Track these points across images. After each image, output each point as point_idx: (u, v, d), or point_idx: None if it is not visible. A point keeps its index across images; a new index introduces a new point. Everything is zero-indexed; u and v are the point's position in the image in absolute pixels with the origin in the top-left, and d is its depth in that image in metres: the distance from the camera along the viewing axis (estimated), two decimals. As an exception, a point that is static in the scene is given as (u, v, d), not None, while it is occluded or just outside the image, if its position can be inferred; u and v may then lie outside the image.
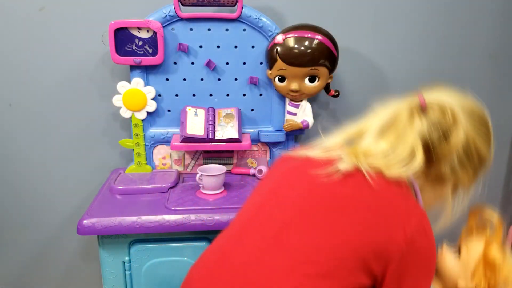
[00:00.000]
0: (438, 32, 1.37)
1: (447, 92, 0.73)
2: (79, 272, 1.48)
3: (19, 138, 1.33)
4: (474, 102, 0.73)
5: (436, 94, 0.72)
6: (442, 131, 0.67)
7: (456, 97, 0.72)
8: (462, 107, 0.70)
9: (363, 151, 0.68)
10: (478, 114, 0.72)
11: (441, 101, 0.70)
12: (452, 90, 0.75)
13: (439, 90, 0.74)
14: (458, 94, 0.73)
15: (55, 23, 1.24)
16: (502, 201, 1.59)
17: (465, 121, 0.68)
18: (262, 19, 1.19)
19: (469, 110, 0.70)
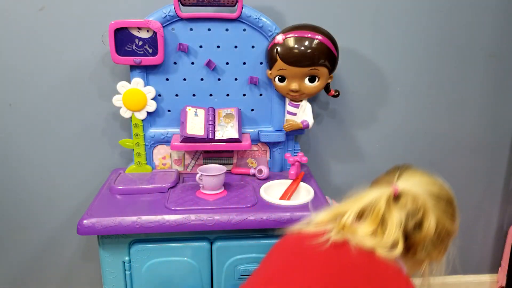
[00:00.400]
0: (438, 32, 1.37)
1: (417, 178, 0.80)
2: (79, 272, 1.48)
3: (19, 138, 1.33)
4: (440, 185, 0.82)
5: (407, 182, 0.78)
6: (416, 221, 0.74)
7: (425, 184, 0.79)
8: (431, 194, 0.77)
9: (351, 229, 0.75)
10: (445, 198, 0.80)
11: (412, 191, 0.76)
12: (421, 174, 0.82)
13: (410, 175, 0.81)
14: (427, 179, 0.81)
15: (55, 23, 1.24)
16: (502, 201, 1.59)
17: (435, 208, 0.76)
18: (262, 19, 1.19)
19: (437, 196, 0.78)
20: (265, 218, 1.01)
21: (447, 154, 1.51)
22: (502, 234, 1.63)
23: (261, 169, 1.25)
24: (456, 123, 1.47)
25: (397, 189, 0.76)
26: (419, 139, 1.48)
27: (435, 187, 0.79)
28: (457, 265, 0.86)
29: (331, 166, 1.47)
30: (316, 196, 1.11)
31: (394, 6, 1.33)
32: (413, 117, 1.45)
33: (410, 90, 1.42)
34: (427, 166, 1.50)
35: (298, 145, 1.33)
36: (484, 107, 1.47)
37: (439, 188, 0.80)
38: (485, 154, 1.53)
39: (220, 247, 1.03)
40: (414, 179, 0.80)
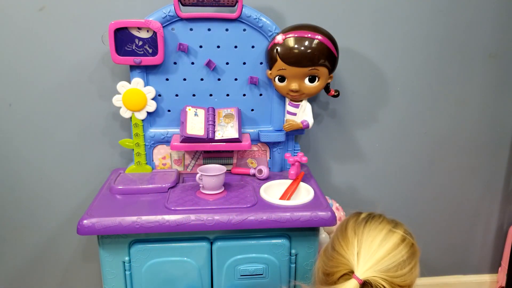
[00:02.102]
0: (438, 32, 1.37)
1: (373, 250, 0.76)
2: (79, 272, 1.48)
3: (19, 138, 1.33)
4: (395, 243, 0.77)
5: (364, 263, 0.74)
6: None
7: (381, 257, 0.74)
8: (387, 269, 0.73)
9: None
10: (401, 259, 0.75)
11: (372, 276, 0.72)
12: (376, 237, 0.77)
13: (368, 248, 0.76)
14: (381, 245, 0.76)
15: (55, 23, 1.24)
16: (502, 201, 1.59)
17: (391, 280, 0.73)
18: (262, 19, 1.19)
19: (393, 265, 0.74)
20: (265, 218, 1.01)
21: (447, 154, 1.51)
22: (502, 234, 1.63)
23: (261, 169, 1.25)
24: (456, 123, 1.47)
25: (360, 280, 0.72)
26: (419, 139, 1.48)
27: (395, 256, 0.75)
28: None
29: (331, 166, 1.47)
30: (316, 196, 1.11)
31: (394, 6, 1.33)
32: (413, 117, 1.45)
33: (410, 90, 1.42)
34: (427, 166, 1.52)
35: (298, 145, 1.33)
36: (484, 107, 1.47)
37: (399, 252, 0.76)
38: (485, 154, 1.53)
39: (220, 247, 1.03)
40: (374, 255, 0.75)
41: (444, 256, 1.63)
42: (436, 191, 1.55)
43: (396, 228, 0.80)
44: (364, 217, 0.83)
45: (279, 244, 1.05)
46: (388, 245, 0.76)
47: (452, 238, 1.62)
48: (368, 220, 0.82)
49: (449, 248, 1.62)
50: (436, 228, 1.59)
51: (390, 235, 0.78)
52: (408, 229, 0.81)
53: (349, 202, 1.49)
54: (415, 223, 1.57)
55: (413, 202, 1.55)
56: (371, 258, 0.74)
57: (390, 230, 0.79)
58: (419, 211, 1.56)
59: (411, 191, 1.54)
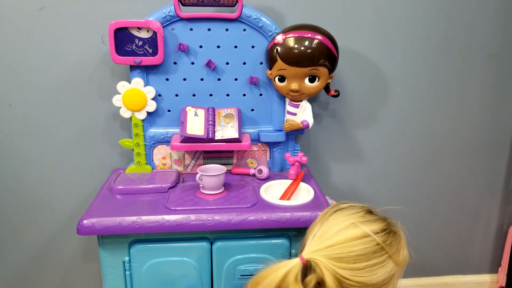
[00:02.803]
0: (438, 32, 1.37)
1: (328, 236, 0.75)
2: (79, 272, 1.48)
3: (19, 138, 1.33)
4: (352, 237, 0.75)
5: (314, 245, 0.73)
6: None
7: (332, 243, 0.73)
8: (335, 257, 0.72)
9: None
10: (353, 252, 0.73)
11: (316, 258, 0.71)
12: (336, 226, 0.76)
13: (324, 231, 0.75)
14: (337, 234, 0.75)
15: (55, 23, 1.24)
16: (502, 201, 1.59)
17: (338, 270, 0.71)
18: (262, 19, 1.19)
19: (343, 256, 0.72)
20: (265, 218, 1.01)
21: (447, 154, 1.51)
22: (502, 234, 1.63)
23: (261, 169, 1.25)
24: (456, 123, 1.47)
25: (303, 259, 0.71)
26: (419, 139, 1.48)
27: (348, 247, 0.73)
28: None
29: (331, 166, 1.47)
30: (316, 196, 1.11)
31: (394, 6, 1.33)
32: (413, 117, 1.45)
33: (410, 90, 1.42)
34: (427, 166, 1.52)
35: (298, 145, 1.33)
36: (484, 107, 1.47)
37: (354, 245, 0.73)
38: (485, 154, 1.53)
39: (220, 247, 1.03)
40: (327, 240, 0.74)
41: (444, 256, 1.63)
42: (436, 191, 1.55)
43: (365, 224, 0.76)
44: (340, 207, 0.81)
45: (279, 244, 1.05)
46: (344, 235, 0.74)
47: (452, 238, 1.62)
48: (340, 210, 0.80)
49: (449, 248, 1.62)
50: (436, 228, 1.59)
51: (351, 227, 0.75)
52: (387, 231, 0.77)
53: (349, 202, 1.49)
54: (415, 223, 1.57)
55: (413, 202, 1.55)
56: (321, 243, 0.73)
57: (353, 223, 0.76)
58: (419, 211, 1.56)
59: (411, 191, 1.54)
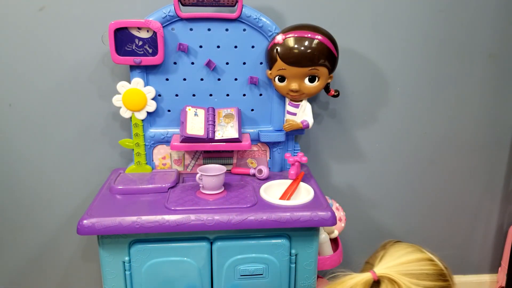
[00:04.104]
0: (438, 32, 1.37)
1: (399, 258, 0.77)
2: (79, 272, 1.48)
3: (19, 138, 1.33)
4: (425, 261, 0.78)
5: (387, 264, 0.76)
6: None
7: (406, 263, 0.76)
8: (411, 275, 0.74)
9: None
10: (430, 274, 0.76)
11: (389, 274, 0.73)
12: (406, 252, 0.79)
13: (393, 255, 0.78)
14: (410, 257, 0.77)
15: (55, 23, 1.24)
16: (502, 201, 1.59)
17: (408, 284, 0.72)
18: (262, 19, 1.19)
19: (418, 275, 0.74)
20: (265, 218, 1.01)
21: (447, 154, 1.51)
22: (502, 234, 1.63)
23: (261, 169, 1.25)
24: (456, 123, 1.47)
25: (375, 275, 0.74)
26: (419, 139, 1.48)
27: (417, 265, 0.77)
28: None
29: (331, 166, 1.47)
30: (316, 196, 1.11)
31: (394, 6, 1.33)
32: (413, 117, 1.45)
33: (410, 90, 1.42)
34: (427, 166, 1.51)
35: (298, 145, 1.33)
36: (484, 107, 1.47)
37: (422, 265, 0.77)
38: (485, 154, 1.53)
39: (220, 247, 1.03)
40: (396, 259, 0.77)
41: (444, 256, 1.63)
42: (436, 191, 1.55)
43: (428, 252, 0.80)
44: (398, 241, 0.84)
45: (279, 244, 1.05)
46: (412, 256, 0.77)
47: (452, 238, 1.62)
48: (399, 242, 0.83)
49: (449, 248, 1.62)
50: (436, 228, 1.59)
51: (418, 252, 0.79)
52: (443, 263, 0.81)
53: (349, 202, 1.49)
54: (415, 223, 1.57)
55: (413, 202, 1.55)
56: (392, 261, 0.76)
57: (418, 249, 0.80)
58: (419, 211, 1.56)
59: (411, 191, 1.54)
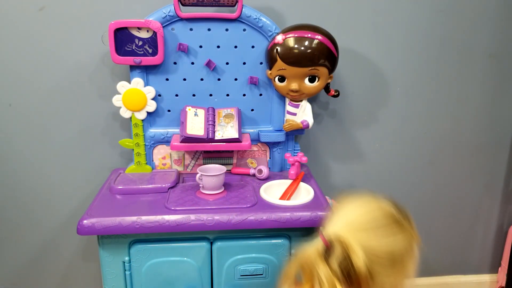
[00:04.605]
0: (438, 32, 1.37)
1: (345, 214, 0.75)
2: (79, 272, 1.48)
3: (19, 138, 1.33)
4: (369, 209, 0.75)
5: (334, 224, 0.74)
6: (349, 264, 0.70)
7: (350, 217, 0.74)
8: (355, 227, 0.72)
9: None
10: (374, 223, 0.73)
11: (336, 233, 0.72)
12: (349, 206, 0.77)
13: (339, 213, 0.76)
14: (353, 210, 0.75)
15: (55, 23, 1.24)
16: (502, 201, 1.59)
17: (361, 239, 0.70)
18: (262, 19, 1.19)
19: (366, 227, 0.72)
20: (265, 218, 1.01)
21: (447, 154, 1.51)
22: (502, 234, 1.63)
23: (261, 169, 1.25)
24: (456, 123, 1.47)
25: (325, 239, 0.72)
26: (419, 139, 1.48)
27: (367, 217, 0.74)
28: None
29: (331, 166, 1.47)
30: (316, 196, 1.11)
31: (394, 6, 1.33)
32: (413, 117, 1.45)
33: (410, 90, 1.42)
34: (427, 166, 1.51)
35: (298, 145, 1.33)
36: (484, 107, 1.47)
37: (372, 216, 0.74)
38: (485, 154, 1.53)
39: (220, 247, 1.04)
40: (343, 217, 0.75)
41: (444, 256, 1.63)
42: (436, 191, 1.54)
43: (377, 201, 0.76)
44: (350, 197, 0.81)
45: (279, 244, 1.05)
46: (362, 209, 0.75)
47: (452, 238, 1.62)
48: (349, 196, 0.79)
49: (449, 248, 1.62)
50: (436, 228, 1.59)
51: (365, 202, 0.76)
52: (402, 212, 0.77)
53: (349, 202, 1.49)
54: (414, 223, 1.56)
55: (413, 202, 1.55)
56: (341, 218, 0.74)
57: (366, 200, 0.77)
58: (419, 211, 1.56)
59: (411, 191, 1.54)
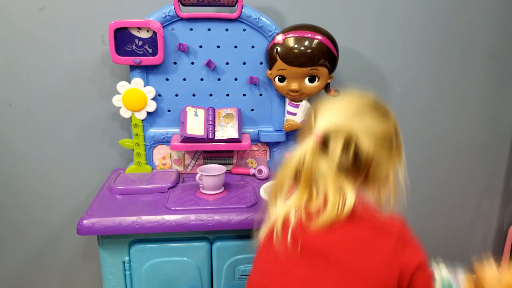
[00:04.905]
0: (438, 32, 1.37)
1: (333, 108, 0.72)
2: (79, 272, 1.48)
3: (19, 138, 1.33)
4: (357, 98, 0.74)
5: (325, 119, 0.70)
6: (352, 153, 0.68)
7: (342, 108, 0.72)
8: (352, 115, 0.70)
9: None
10: (367, 107, 0.72)
11: (333, 125, 0.69)
12: (335, 101, 0.75)
13: (325, 108, 0.72)
14: (342, 102, 0.73)
15: (55, 23, 1.24)
16: (502, 201, 1.59)
17: (362, 126, 0.69)
18: (262, 19, 1.19)
19: (358, 112, 0.71)
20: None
21: (447, 154, 1.51)
22: (502, 234, 1.63)
23: (261, 169, 1.25)
24: (456, 123, 1.47)
25: (319, 135, 0.68)
26: (419, 139, 1.48)
27: (353, 104, 0.72)
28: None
29: (331, 166, 1.47)
30: (316, 196, 1.11)
31: (394, 6, 1.33)
32: (413, 117, 1.45)
33: (410, 90, 1.42)
34: (427, 166, 1.51)
35: (298, 145, 1.32)
36: (484, 107, 1.47)
37: (357, 102, 0.73)
38: (485, 154, 1.53)
39: (220, 247, 1.03)
40: (331, 110, 0.71)
41: (444, 256, 1.63)
42: (436, 191, 1.54)
43: (361, 92, 0.75)
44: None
45: (279, 244, 1.05)
46: (347, 100, 0.73)
47: (452, 238, 1.62)
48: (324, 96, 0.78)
49: (449, 248, 1.62)
50: (436, 228, 1.59)
51: (349, 94, 0.74)
52: (382, 101, 0.77)
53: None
54: (414, 223, 1.56)
55: (412, 202, 1.54)
56: (326, 113, 0.70)
57: (351, 93, 0.75)
58: (419, 211, 1.56)
59: (411, 191, 1.53)
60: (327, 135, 0.69)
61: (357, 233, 0.68)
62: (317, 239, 0.68)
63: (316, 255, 0.68)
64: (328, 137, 0.69)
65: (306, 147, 0.69)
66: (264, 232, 0.74)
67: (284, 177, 0.72)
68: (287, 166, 0.71)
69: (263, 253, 0.76)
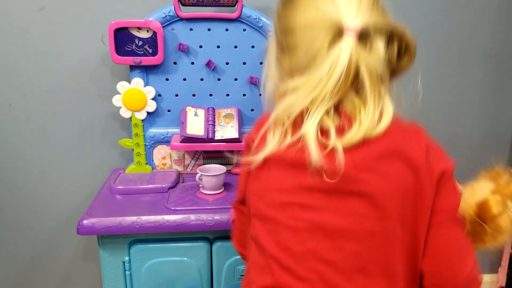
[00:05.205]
0: (438, 32, 1.37)
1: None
2: (79, 272, 1.48)
3: (19, 138, 1.33)
4: None
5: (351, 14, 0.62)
6: (396, 50, 0.64)
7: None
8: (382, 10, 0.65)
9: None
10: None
11: (370, 20, 0.62)
12: None
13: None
14: None
15: (55, 23, 1.24)
16: (502, 201, 1.59)
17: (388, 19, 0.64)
18: (262, 19, 1.19)
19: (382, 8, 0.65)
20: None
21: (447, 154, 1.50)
22: (502, 234, 1.63)
23: (261, 169, 1.24)
24: (456, 123, 1.47)
25: (357, 30, 0.58)
26: (419, 139, 1.48)
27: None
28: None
29: (331, 166, 1.47)
30: (316, 196, 1.11)
31: (394, 6, 1.33)
32: (413, 117, 1.45)
33: (410, 90, 1.42)
34: (427, 166, 1.51)
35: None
36: (484, 107, 1.47)
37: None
38: (485, 154, 1.52)
39: (220, 247, 1.03)
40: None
41: (444, 256, 1.63)
42: (436, 191, 1.54)
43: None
44: None
45: (279, 244, 1.05)
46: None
47: (452, 238, 1.61)
48: None
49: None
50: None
51: None
52: None
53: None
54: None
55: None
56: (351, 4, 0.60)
57: None
58: (419, 211, 1.56)
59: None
60: (365, 30, 0.60)
61: (389, 144, 0.62)
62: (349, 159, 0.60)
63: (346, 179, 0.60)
64: (368, 32, 0.60)
65: (342, 48, 0.58)
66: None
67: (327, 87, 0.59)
68: (328, 73, 0.58)
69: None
